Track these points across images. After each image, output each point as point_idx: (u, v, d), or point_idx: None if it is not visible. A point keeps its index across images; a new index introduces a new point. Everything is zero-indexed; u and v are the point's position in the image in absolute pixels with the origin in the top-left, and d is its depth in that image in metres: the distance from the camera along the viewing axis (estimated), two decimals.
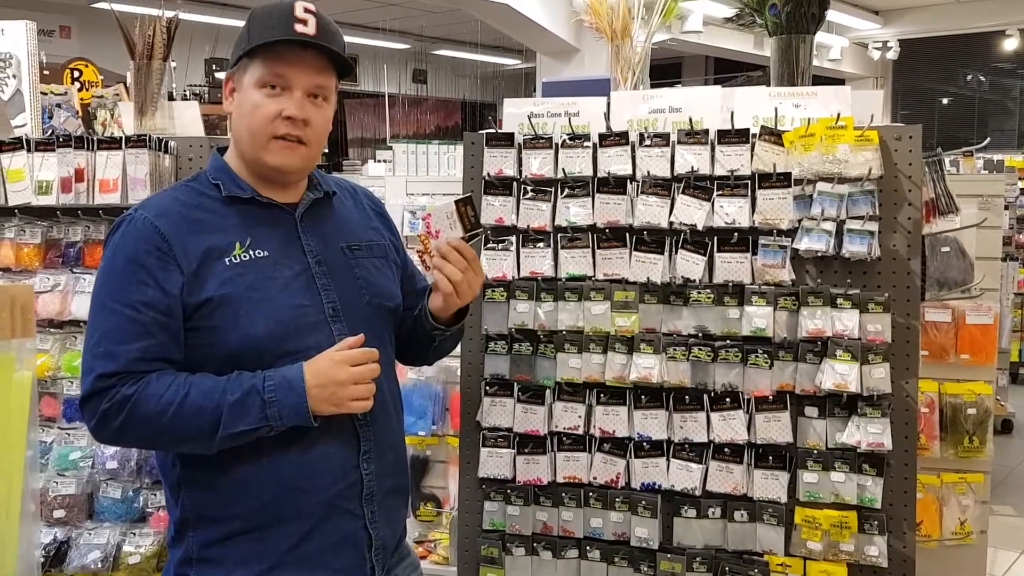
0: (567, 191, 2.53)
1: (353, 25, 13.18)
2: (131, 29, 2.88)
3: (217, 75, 10.53)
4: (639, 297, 2.49)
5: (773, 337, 2.39)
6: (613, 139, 2.50)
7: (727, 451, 2.43)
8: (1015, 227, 7.29)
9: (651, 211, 2.45)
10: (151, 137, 2.67)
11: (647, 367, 2.45)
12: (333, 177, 1.97)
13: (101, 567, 2.58)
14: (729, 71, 14.92)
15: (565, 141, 2.55)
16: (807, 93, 2.48)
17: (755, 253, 2.41)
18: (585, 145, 2.53)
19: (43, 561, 2.58)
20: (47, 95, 3.32)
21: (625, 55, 2.86)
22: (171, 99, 3.12)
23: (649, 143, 2.48)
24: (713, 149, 2.44)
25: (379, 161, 7.85)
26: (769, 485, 2.40)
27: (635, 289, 2.49)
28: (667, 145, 2.47)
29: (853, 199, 2.34)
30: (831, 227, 2.34)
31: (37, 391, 1.23)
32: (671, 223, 2.44)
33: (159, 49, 2.87)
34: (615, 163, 2.49)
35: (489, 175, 2.58)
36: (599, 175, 2.51)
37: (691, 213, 2.42)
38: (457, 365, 2.72)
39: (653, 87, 2.84)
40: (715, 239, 2.43)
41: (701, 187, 2.43)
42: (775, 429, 2.39)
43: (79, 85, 4.82)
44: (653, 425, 2.47)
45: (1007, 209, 6.25)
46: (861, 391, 2.31)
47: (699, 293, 2.44)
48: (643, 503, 2.47)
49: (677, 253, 2.45)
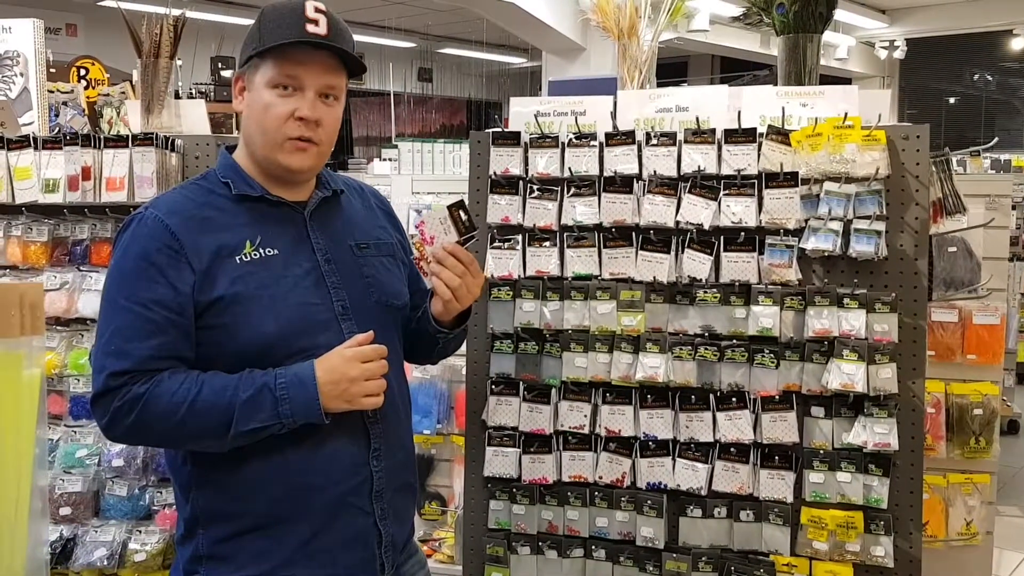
0: (573, 190, 2.53)
1: (359, 23, 13.19)
2: (138, 27, 2.89)
3: (224, 73, 10.53)
4: (645, 296, 2.48)
5: (779, 337, 2.38)
6: (619, 138, 2.50)
7: (733, 451, 2.42)
8: (1022, 227, 7.27)
9: (657, 210, 2.45)
10: (158, 135, 2.68)
11: (653, 366, 2.45)
12: (341, 175, 1.98)
13: (107, 565, 2.58)
14: (736, 70, 14.91)
15: (571, 140, 2.54)
16: (814, 92, 2.48)
17: (762, 253, 2.40)
18: (591, 144, 2.53)
19: (49, 558, 2.58)
20: (54, 93, 3.32)
21: (632, 54, 2.85)
22: (177, 97, 3.12)
23: (656, 142, 2.48)
24: (720, 148, 2.44)
25: (384, 160, 7.86)
26: (775, 485, 2.40)
27: (641, 288, 2.49)
28: (674, 144, 2.46)
29: (860, 199, 2.33)
30: (838, 227, 2.33)
31: (46, 389, 1.23)
32: (677, 222, 2.44)
33: (166, 47, 2.88)
34: (621, 162, 2.49)
35: (495, 174, 2.58)
36: (605, 174, 2.51)
37: (697, 212, 2.42)
38: (463, 364, 2.72)
39: (659, 86, 2.83)
40: (722, 238, 2.42)
41: (708, 186, 2.43)
42: (781, 429, 2.39)
43: (86, 83, 4.82)
44: (659, 424, 2.47)
45: (1014, 209, 6.22)
46: (868, 391, 2.31)
47: (705, 293, 2.44)
48: (649, 503, 2.47)
49: (683, 252, 2.44)
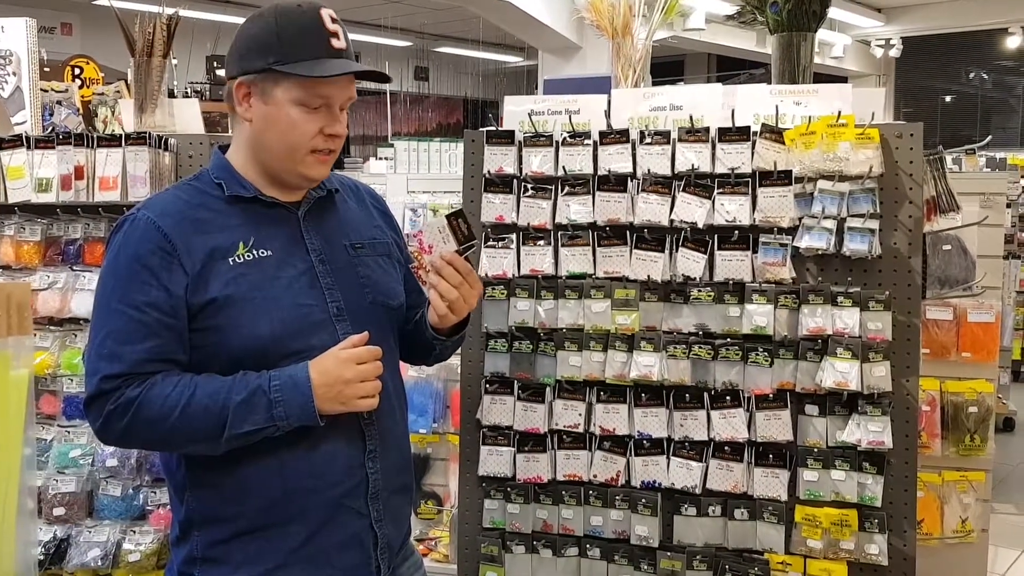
0: (567, 189, 2.53)
1: (355, 22, 13.18)
2: (131, 26, 2.88)
3: (219, 72, 10.51)
4: (639, 295, 2.48)
5: (773, 335, 2.38)
6: (614, 137, 2.50)
7: (727, 449, 2.42)
8: (1017, 225, 7.28)
9: (652, 209, 2.45)
10: (151, 134, 2.67)
11: (647, 365, 2.44)
12: (336, 175, 1.96)
13: (101, 565, 2.58)
14: (732, 69, 14.91)
15: (566, 139, 2.54)
16: (808, 91, 2.48)
17: (756, 251, 2.40)
18: (586, 143, 2.52)
19: (43, 559, 2.58)
20: (48, 92, 3.31)
21: (626, 52, 2.85)
22: (172, 96, 3.11)
23: (650, 141, 2.47)
24: (714, 147, 2.44)
25: (380, 159, 7.85)
26: (769, 483, 2.40)
27: (635, 287, 2.48)
28: (668, 143, 2.46)
29: (854, 197, 2.33)
30: (832, 225, 2.33)
31: (34, 389, 1.23)
32: (672, 221, 2.43)
33: (159, 46, 2.87)
34: (616, 161, 2.49)
35: (490, 173, 2.58)
36: (600, 173, 2.51)
37: (692, 211, 2.41)
38: (458, 363, 2.72)
39: (655, 85, 2.83)
40: (716, 237, 2.42)
41: (702, 185, 2.42)
42: (775, 427, 2.39)
43: (80, 82, 4.81)
44: (653, 423, 2.47)
45: (1009, 207, 6.23)
46: (862, 389, 2.31)
47: (700, 291, 2.44)
48: (643, 501, 2.47)
49: (678, 251, 2.44)
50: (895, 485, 2.36)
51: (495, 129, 2.61)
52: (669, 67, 16.01)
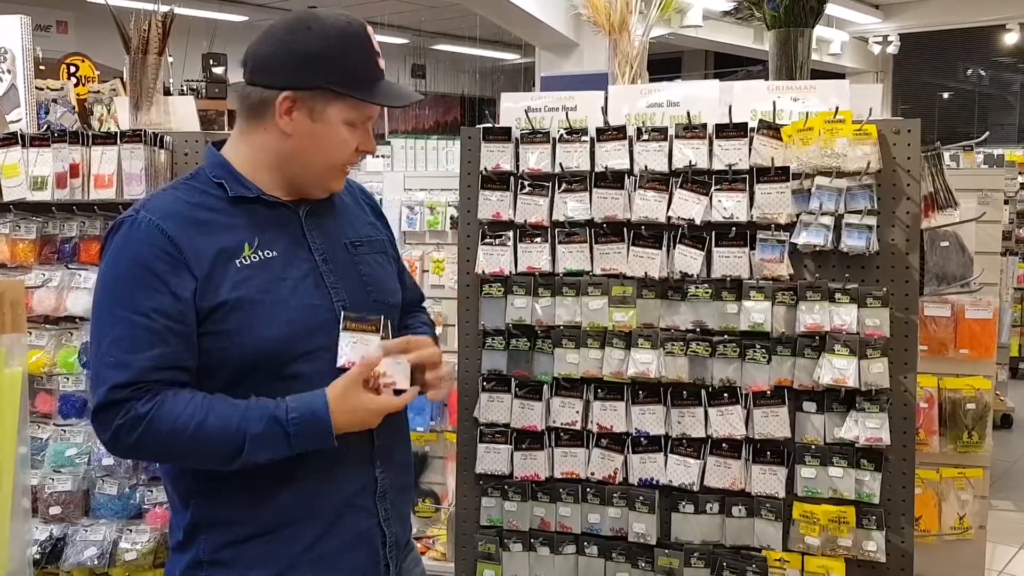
0: (564, 186, 2.52)
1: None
2: (127, 23, 2.87)
3: (215, 70, 10.45)
4: (637, 292, 2.48)
5: (771, 332, 2.38)
6: (611, 133, 2.49)
7: (725, 446, 2.42)
8: (1015, 222, 7.29)
9: (649, 206, 2.44)
10: (147, 132, 2.66)
11: (645, 362, 2.44)
12: None
13: (98, 564, 2.57)
14: (729, 66, 14.91)
15: (563, 135, 2.53)
16: (805, 87, 2.47)
17: (753, 248, 2.40)
18: (583, 140, 2.52)
19: (39, 558, 2.57)
20: (43, 90, 3.30)
21: (623, 49, 2.84)
22: (168, 94, 3.10)
23: (647, 137, 2.47)
24: (711, 143, 2.43)
25: (377, 156, 7.83)
26: (767, 480, 2.39)
27: (633, 284, 2.48)
28: (665, 139, 2.46)
29: (851, 193, 2.33)
30: (829, 221, 2.33)
31: (27, 387, 1.22)
32: (669, 218, 2.43)
33: (155, 43, 2.86)
34: (613, 157, 2.48)
35: (486, 170, 2.57)
36: (597, 170, 2.50)
37: (689, 208, 2.41)
38: (455, 361, 2.71)
39: (652, 82, 2.82)
40: (713, 234, 2.42)
41: (699, 181, 2.42)
42: (773, 424, 2.38)
43: (76, 80, 4.79)
44: (651, 420, 2.47)
45: (1007, 204, 6.25)
46: (859, 386, 2.30)
47: (697, 288, 2.43)
48: (641, 498, 2.47)
49: (675, 248, 2.44)
50: (893, 482, 2.35)
51: (492, 126, 2.60)
52: (667, 64, 16.01)
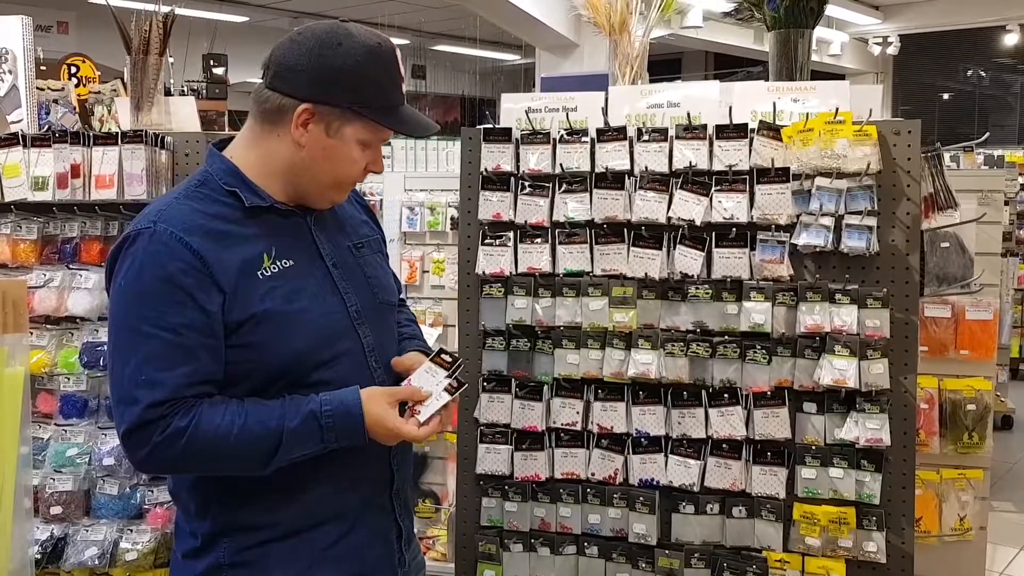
0: (565, 186, 2.52)
1: (352, 21, 13.14)
2: (127, 24, 2.87)
3: (215, 71, 10.46)
4: (637, 293, 2.48)
5: (771, 333, 2.38)
6: (611, 134, 2.49)
7: (725, 447, 2.42)
8: (1015, 223, 7.28)
9: (649, 206, 2.44)
10: (147, 133, 2.66)
11: (645, 363, 2.44)
12: None
13: (98, 564, 2.57)
14: (730, 67, 14.91)
15: (563, 136, 2.54)
16: (805, 88, 2.48)
17: (753, 248, 2.40)
18: (583, 140, 2.52)
19: (40, 558, 2.57)
20: (44, 91, 3.30)
21: (623, 50, 2.84)
22: (168, 94, 3.10)
23: (647, 138, 2.47)
24: (711, 144, 2.44)
25: None
26: (767, 481, 2.40)
27: (633, 285, 2.48)
28: (665, 140, 2.46)
29: (852, 194, 2.33)
30: (829, 222, 2.33)
31: (29, 386, 1.22)
32: (669, 218, 2.43)
33: (155, 44, 2.85)
34: (613, 158, 2.48)
35: (487, 170, 2.58)
36: (597, 170, 2.50)
37: (689, 208, 2.41)
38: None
39: (653, 82, 2.82)
40: (713, 234, 2.42)
41: (699, 182, 2.42)
42: (773, 425, 2.38)
43: (76, 81, 4.80)
44: (651, 421, 2.47)
45: (1007, 205, 6.24)
46: (859, 387, 2.30)
47: (697, 289, 2.43)
48: (641, 499, 2.47)
49: (675, 249, 2.44)
50: (893, 483, 2.35)
51: (492, 127, 2.60)
52: (667, 65, 16.01)
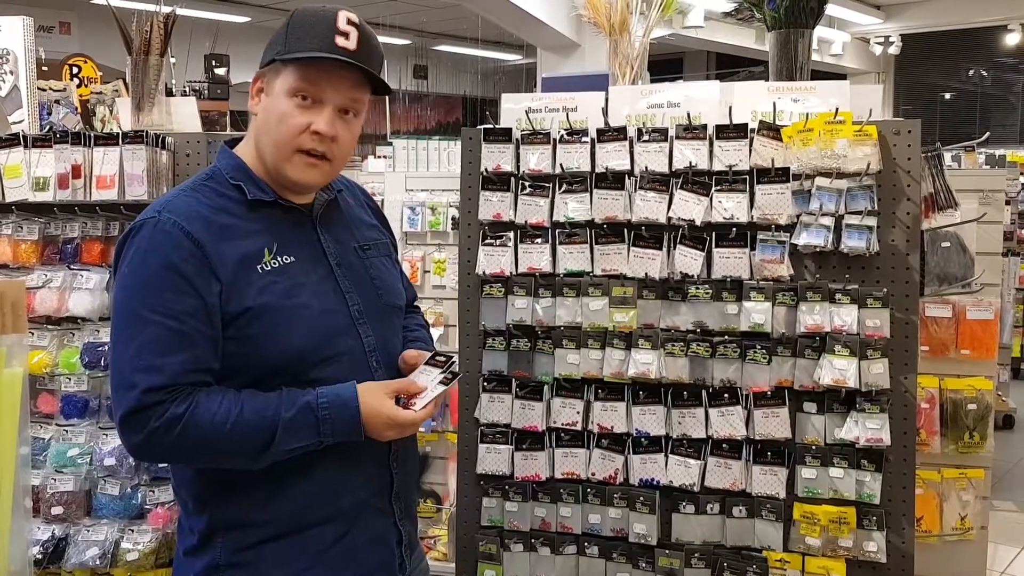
0: (565, 186, 2.53)
1: None
2: (129, 24, 2.87)
3: (217, 71, 10.47)
4: (637, 293, 2.48)
5: (772, 333, 2.38)
6: (611, 134, 2.49)
7: (725, 447, 2.42)
8: (1016, 222, 7.27)
9: (649, 206, 2.44)
10: (148, 133, 2.66)
11: (645, 363, 2.44)
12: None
13: (99, 564, 2.57)
14: (731, 67, 14.90)
15: (563, 136, 2.54)
16: (806, 88, 2.48)
17: (753, 248, 2.40)
18: (583, 140, 2.52)
19: (41, 558, 2.57)
20: (45, 91, 3.30)
21: (623, 50, 2.84)
22: (170, 95, 3.10)
23: (647, 138, 2.47)
24: (711, 144, 2.44)
25: (379, 157, 7.84)
26: (767, 481, 2.40)
27: (633, 285, 2.48)
28: (665, 140, 2.46)
29: (852, 194, 2.33)
30: (830, 222, 2.33)
31: (29, 387, 1.22)
32: (669, 218, 2.43)
33: (156, 45, 2.86)
34: (613, 158, 2.48)
35: (487, 170, 2.58)
36: (597, 170, 2.50)
37: (689, 208, 2.41)
38: (456, 361, 2.71)
39: (654, 82, 2.82)
40: (713, 234, 2.42)
41: (699, 182, 2.42)
42: (773, 425, 2.38)
43: (78, 81, 4.80)
44: (651, 421, 2.47)
45: (1008, 204, 6.23)
46: (860, 387, 2.30)
47: (697, 289, 2.44)
48: (641, 499, 2.47)
49: (675, 248, 2.44)
50: (893, 482, 2.35)
51: (493, 127, 2.60)
52: (668, 65, 16.00)
